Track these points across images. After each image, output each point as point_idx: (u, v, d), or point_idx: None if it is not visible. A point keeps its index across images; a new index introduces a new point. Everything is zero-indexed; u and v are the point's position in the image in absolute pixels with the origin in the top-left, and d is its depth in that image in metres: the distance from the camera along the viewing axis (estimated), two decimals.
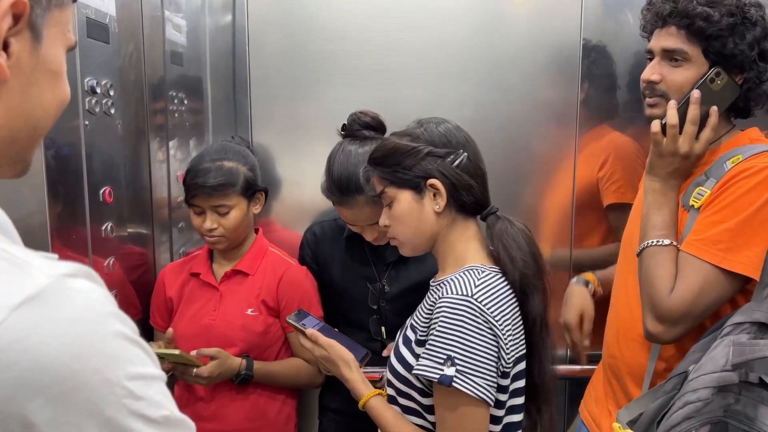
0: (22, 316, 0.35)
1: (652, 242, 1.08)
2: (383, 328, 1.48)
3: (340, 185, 1.28)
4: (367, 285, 1.47)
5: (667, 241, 1.07)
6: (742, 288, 1.05)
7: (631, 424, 1.04)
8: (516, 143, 1.62)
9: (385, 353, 1.39)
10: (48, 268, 0.38)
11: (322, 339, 1.15)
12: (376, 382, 1.29)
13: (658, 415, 0.98)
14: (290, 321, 1.23)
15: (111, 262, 1.29)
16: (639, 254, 1.11)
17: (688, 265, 1.03)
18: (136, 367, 0.41)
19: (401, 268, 1.46)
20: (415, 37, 1.59)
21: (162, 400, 0.41)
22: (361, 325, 1.49)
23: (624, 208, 1.53)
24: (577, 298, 1.41)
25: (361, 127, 1.32)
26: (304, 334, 1.18)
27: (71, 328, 0.37)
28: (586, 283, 1.43)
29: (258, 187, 1.46)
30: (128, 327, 0.42)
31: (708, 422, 0.90)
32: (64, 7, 0.52)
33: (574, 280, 1.47)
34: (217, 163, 1.40)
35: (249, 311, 1.46)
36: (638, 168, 1.56)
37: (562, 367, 1.63)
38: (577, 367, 1.50)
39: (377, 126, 1.33)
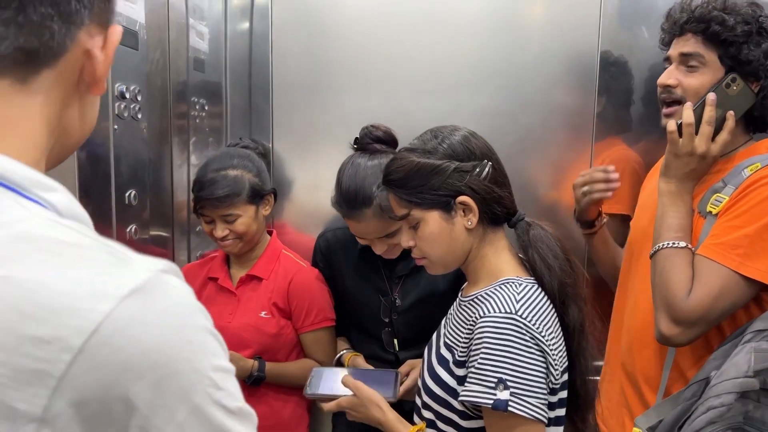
0: (129, 305, 0.39)
1: (668, 244, 1.08)
2: (395, 341, 1.48)
3: (348, 198, 1.28)
4: (379, 297, 1.46)
5: (682, 244, 1.07)
6: (757, 295, 1.06)
7: (650, 430, 1.05)
8: (533, 154, 1.63)
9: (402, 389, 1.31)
10: (146, 263, 0.42)
11: (351, 383, 1.11)
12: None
13: (678, 421, 0.99)
14: (310, 394, 1.21)
15: None
16: (653, 256, 1.11)
17: (706, 269, 1.04)
18: (218, 359, 0.44)
19: (413, 280, 1.45)
20: (433, 48, 1.61)
21: (236, 392, 0.44)
22: (374, 336, 1.49)
23: (617, 219, 1.55)
24: None
25: (373, 141, 1.32)
26: (324, 399, 1.16)
27: (169, 320, 0.40)
28: None
29: (265, 190, 1.47)
30: (210, 322, 0.45)
31: (729, 428, 0.92)
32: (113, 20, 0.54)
33: None
34: (222, 172, 1.41)
35: (262, 314, 1.47)
36: (636, 182, 1.58)
37: None
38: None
39: (389, 140, 1.33)
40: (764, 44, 1.09)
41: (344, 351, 1.52)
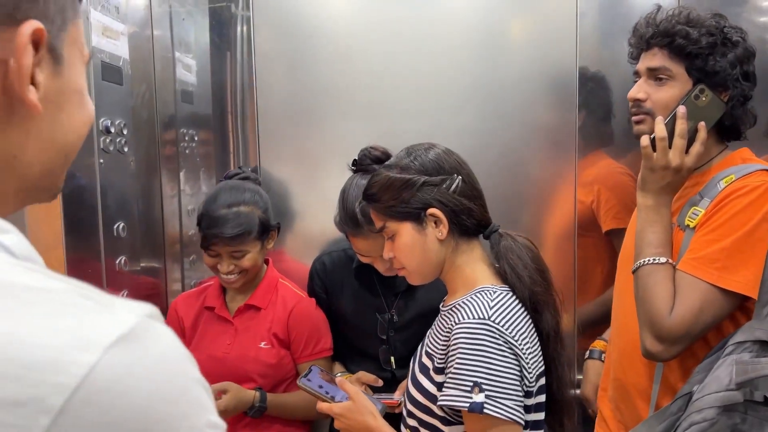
0: (116, 356, 0.34)
1: (648, 260, 1.08)
2: (392, 358, 1.49)
3: (354, 218, 1.30)
4: (376, 315, 1.48)
5: (663, 259, 1.07)
6: (742, 306, 1.05)
7: None
8: (516, 170, 1.64)
9: (396, 395, 1.36)
10: (130, 307, 0.37)
11: (348, 386, 1.14)
12: (395, 408, 1.29)
13: None
14: (303, 385, 1.22)
15: (125, 294, 1.32)
16: (635, 272, 1.11)
17: (685, 285, 1.04)
18: (212, 414, 0.39)
19: (409, 297, 1.47)
20: (414, 70, 1.64)
21: None
22: (370, 354, 1.50)
23: (620, 235, 1.55)
24: (593, 373, 1.41)
25: (372, 162, 1.34)
26: (319, 396, 1.18)
27: (161, 371, 0.36)
28: (600, 354, 1.43)
29: (272, 226, 1.48)
30: (198, 371, 0.40)
31: None
32: (77, 22, 0.47)
33: (587, 354, 1.46)
34: (234, 209, 1.39)
35: (262, 344, 1.47)
36: (631, 192, 1.58)
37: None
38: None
39: (386, 160, 1.36)
40: (729, 54, 1.10)
41: (339, 374, 1.52)
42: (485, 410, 0.92)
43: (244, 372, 1.44)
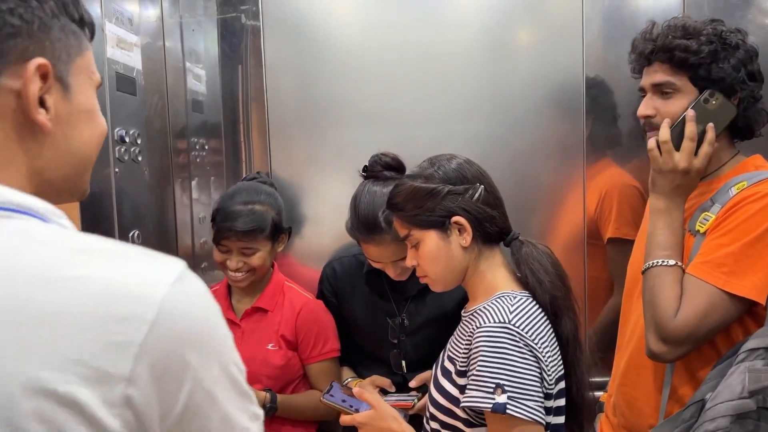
0: (177, 290, 0.48)
1: (657, 262, 1.09)
2: (404, 362, 1.49)
3: (367, 224, 1.31)
4: (387, 320, 1.49)
5: (672, 262, 1.08)
6: (752, 312, 1.05)
7: None
8: (525, 177, 1.65)
9: (412, 384, 1.42)
10: (172, 259, 0.51)
11: (368, 395, 1.16)
12: (408, 410, 1.32)
13: None
14: (327, 400, 1.25)
15: None
16: (644, 273, 1.11)
17: (692, 288, 1.04)
18: (228, 330, 0.54)
19: (420, 301, 1.48)
20: (423, 78, 1.65)
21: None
22: (381, 359, 1.51)
23: (622, 243, 1.55)
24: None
25: (383, 168, 1.36)
26: (343, 410, 1.21)
27: (203, 301, 0.51)
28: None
29: (283, 228, 1.50)
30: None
31: None
32: (83, 53, 0.57)
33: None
34: (249, 206, 1.42)
35: (269, 346, 1.49)
36: (636, 202, 1.57)
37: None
38: (600, 393, 1.49)
39: (397, 166, 1.37)
40: (732, 58, 1.09)
41: (349, 379, 1.53)
42: (508, 410, 0.94)
43: (252, 374, 1.45)
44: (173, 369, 0.47)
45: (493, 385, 0.95)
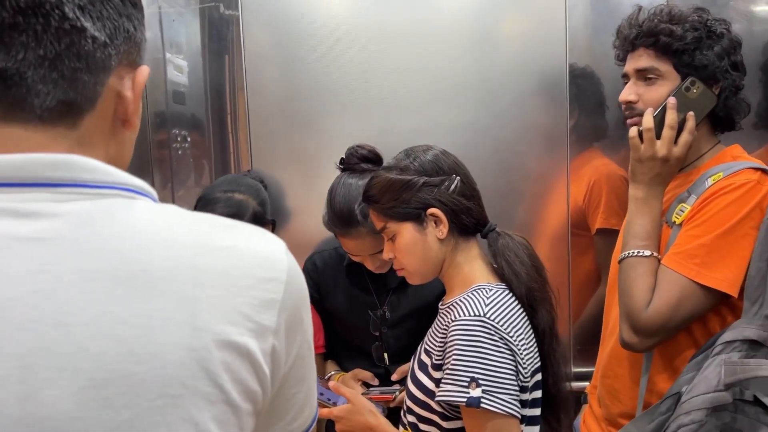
0: (289, 257, 0.55)
1: (633, 252, 1.09)
2: (386, 354, 1.49)
3: (342, 217, 1.31)
4: (368, 312, 1.48)
5: (647, 252, 1.08)
6: (727, 302, 1.05)
7: None
8: (509, 166, 1.63)
9: (394, 377, 1.42)
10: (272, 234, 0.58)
11: (344, 389, 1.17)
12: (389, 402, 1.32)
13: None
14: None
15: None
16: (620, 262, 1.12)
17: (665, 279, 1.04)
18: None
19: (401, 293, 1.47)
20: (406, 67, 1.63)
21: None
22: (363, 352, 1.50)
23: (610, 234, 1.54)
24: None
25: (359, 160, 1.35)
26: (321, 403, 1.20)
27: (300, 271, 0.57)
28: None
29: (266, 220, 1.49)
30: None
31: None
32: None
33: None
34: (228, 194, 1.43)
35: None
36: (624, 193, 1.56)
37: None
38: (586, 384, 1.49)
39: (374, 158, 1.36)
40: (716, 47, 1.09)
41: (332, 372, 1.53)
42: (482, 404, 0.94)
43: None
44: (296, 323, 0.54)
45: (468, 379, 0.95)
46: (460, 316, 0.99)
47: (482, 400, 0.94)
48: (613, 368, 1.21)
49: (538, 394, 1.05)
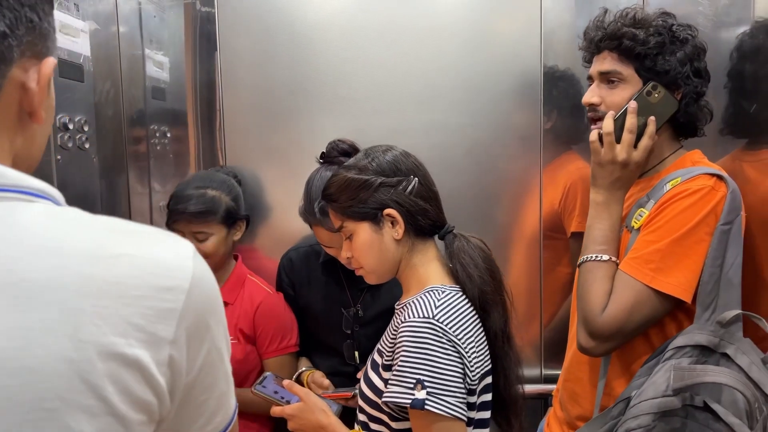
0: (197, 263, 0.54)
1: (591, 257, 1.09)
2: (357, 353, 1.49)
3: (318, 208, 1.31)
4: (341, 310, 1.49)
5: (605, 257, 1.08)
6: (683, 307, 1.04)
7: None
8: (483, 168, 1.62)
9: (359, 375, 1.42)
10: (177, 237, 0.57)
11: (297, 388, 1.17)
12: (348, 400, 1.31)
13: None
14: (258, 391, 1.23)
15: None
16: (579, 266, 1.12)
17: (621, 284, 1.04)
18: None
19: (375, 292, 1.48)
20: (381, 67, 1.63)
21: None
22: (335, 350, 1.51)
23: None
24: None
25: (339, 154, 1.35)
26: (274, 402, 1.20)
27: (212, 275, 0.56)
28: None
29: (239, 215, 1.50)
30: None
31: None
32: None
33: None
34: (201, 190, 1.43)
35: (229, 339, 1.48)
36: None
37: (539, 387, 1.62)
38: (552, 386, 1.48)
39: (354, 153, 1.36)
40: (679, 52, 1.09)
41: (303, 369, 1.53)
42: (426, 407, 0.94)
43: None
44: (199, 331, 0.53)
45: (414, 381, 0.95)
46: (409, 317, 0.99)
47: (427, 402, 0.93)
48: (574, 372, 1.21)
49: (487, 397, 1.05)
